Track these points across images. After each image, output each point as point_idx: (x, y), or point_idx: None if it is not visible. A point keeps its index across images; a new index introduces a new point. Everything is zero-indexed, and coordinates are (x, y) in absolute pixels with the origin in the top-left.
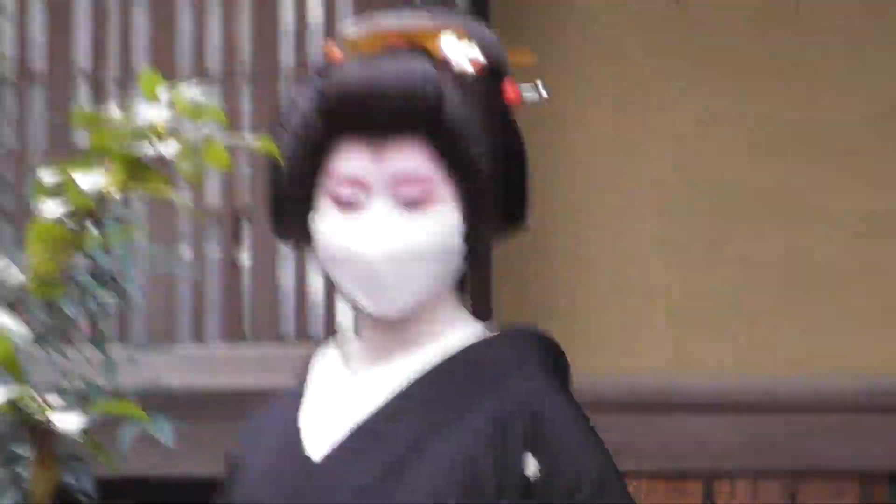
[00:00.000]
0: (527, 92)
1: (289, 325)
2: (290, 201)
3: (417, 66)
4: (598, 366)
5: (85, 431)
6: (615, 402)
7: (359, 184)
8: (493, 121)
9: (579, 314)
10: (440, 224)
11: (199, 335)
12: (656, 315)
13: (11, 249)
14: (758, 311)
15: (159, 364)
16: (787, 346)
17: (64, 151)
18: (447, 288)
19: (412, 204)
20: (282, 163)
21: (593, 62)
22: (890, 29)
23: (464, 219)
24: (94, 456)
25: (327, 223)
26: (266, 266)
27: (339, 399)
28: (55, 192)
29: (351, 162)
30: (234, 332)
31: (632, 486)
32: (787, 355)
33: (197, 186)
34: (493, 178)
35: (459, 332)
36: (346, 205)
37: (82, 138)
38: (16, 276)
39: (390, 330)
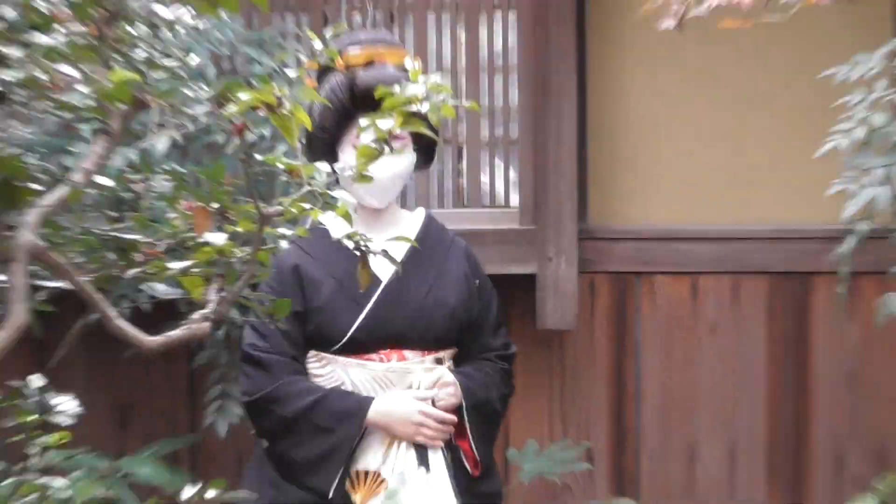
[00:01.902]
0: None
1: None
2: (321, 143)
3: (394, 71)
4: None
5: None
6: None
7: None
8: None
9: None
10: (409, 160)
11: None
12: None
13: None
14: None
15: None
16: None
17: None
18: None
19: (397, 149)
20: (319, 123)
21: (654, 53)
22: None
23: (416, 156)
24: None
25: (352, 157)
26: None
27: (374, 247)
28: (366, 129)
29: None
30: None
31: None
32: None
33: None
34: (426, 140)
35: (407, 213)
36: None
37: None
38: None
39: (379, 213)
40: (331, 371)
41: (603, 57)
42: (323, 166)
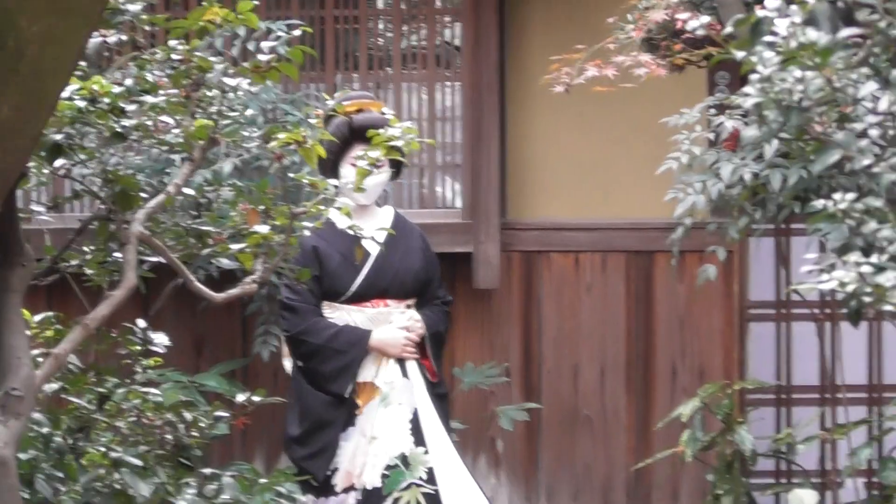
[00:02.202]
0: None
1: None
2: (328, 162)
3: (377, 115)
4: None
5: None
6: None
7: (361, 158)
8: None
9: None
10: (386, 174)
11: None
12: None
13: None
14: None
15: None
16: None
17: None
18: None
19: (379, 167)
20: (327, 149)
21: (550, 107)
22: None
23: (391, 172)
24: None
25: (350, 172)
26: None
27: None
28: (363, 156)
29: (359, 151)
30: None
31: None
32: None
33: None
34: (397, 162)
35: (380, 209)
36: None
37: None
38: None
39: (365, 208)
40: (339, 315)
41: (517, 111)
42: (332, 182)
